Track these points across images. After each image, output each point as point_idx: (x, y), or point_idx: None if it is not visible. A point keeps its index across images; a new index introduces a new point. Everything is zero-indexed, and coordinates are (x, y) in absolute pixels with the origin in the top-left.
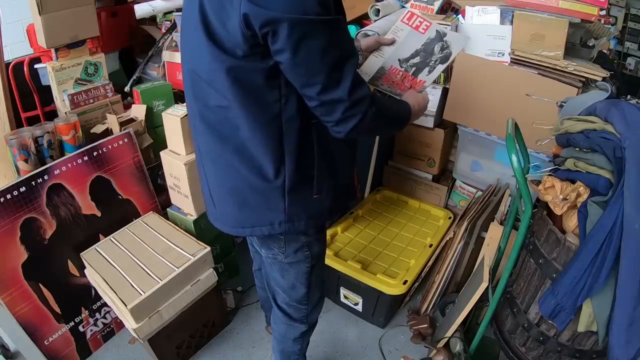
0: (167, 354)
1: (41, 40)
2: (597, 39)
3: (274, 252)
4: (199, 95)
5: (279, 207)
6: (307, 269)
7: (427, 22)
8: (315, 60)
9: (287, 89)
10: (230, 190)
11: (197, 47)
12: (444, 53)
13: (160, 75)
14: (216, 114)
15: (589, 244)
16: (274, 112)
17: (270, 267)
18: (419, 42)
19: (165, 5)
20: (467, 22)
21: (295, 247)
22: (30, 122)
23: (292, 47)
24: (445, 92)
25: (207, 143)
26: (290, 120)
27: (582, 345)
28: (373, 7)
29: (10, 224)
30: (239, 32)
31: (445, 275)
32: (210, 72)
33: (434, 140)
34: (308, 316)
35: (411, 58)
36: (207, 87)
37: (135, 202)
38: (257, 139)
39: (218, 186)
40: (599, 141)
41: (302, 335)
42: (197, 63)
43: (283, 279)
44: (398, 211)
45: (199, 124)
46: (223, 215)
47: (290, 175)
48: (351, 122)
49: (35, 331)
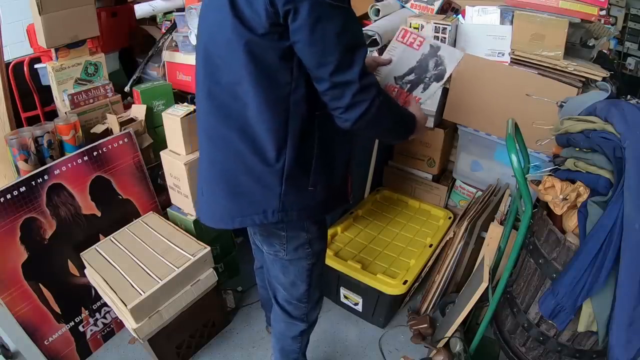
0: (167, 354)
1: (41, 40)
2: (597, 39)
3: (276, 248)
4: (211, 71)
5: (275, 192)
6: (308, 266)
7: (421, 38)
8: (331, 40)
9: (298, 72)
10: (225, 174)
11: (218, 23)
12: (438, 70)
13: (160, 75)
14: (226, 90)
15: (589, 244)
16: (283, 94)
17: (272, 264)
18: (413, 59)
19: (165, 5)
20: (467, 22)
21: (296, 244)
22: (30, 122)
23: (310, 26)
24: (445, 92)
25: (209, 122)
26: (297, 105)
27: (582, 345)
28: (373, 7)
29: (10, 224)
30: (262, 9)
31: (445, 275)
32: (229, 46)
33: (434, 140)
34: (308, 314)
35: (406, 75)
36: (222, 63)
37: (135, 202)
38: (263, 117)
39: (213, 170)
40: (599, 141)
41: (301, 334)
42: (216, 39)
43: (284, 276)
44: (398, 211)
45: (205, 102)
46: (211, 206)
47: (290, 161)
48: (359, 108)
49: (35, 331)
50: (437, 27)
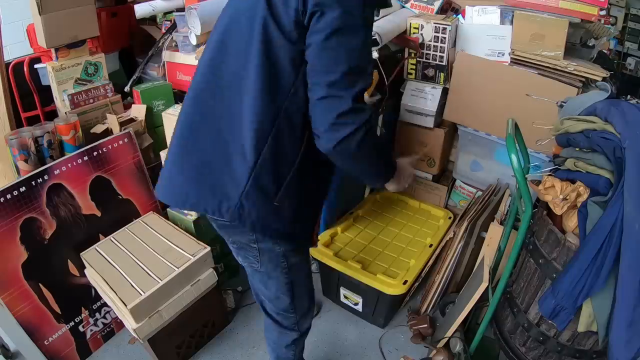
0: (167, 354)
1: (41, 40)
2: (597, 39)
3: (250, 260)
4: (218, 62)
5: (239, 188)
6: (287, 279)
7: None
8: (343, 53)
9: (301, 80)
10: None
11: (246, 11)
12: None
13: (160, 75)
14: (228, 80)
15: (589, 244)
16: (281, 96)
17: (253, 277)
18: None
19: (165, 5)
20: (467, 22)
21: (269, 256)
22: (30, 122)
23: (329, 32)
24: (445, 92)
25: (197, 112)
26: (288, 111)
27: (582, 345)
28: None
29: (10, 224)
30: (294, 8)
31: (445, 275)
32: (249, 34)
33: (434, 140)
34: (298, 324)
35: None
36: (233, 51)
37: (135, 202)
38: (254, 111)
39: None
40: (599, 141)
41: (294, 342)
42: (239, 26)
43: (267, 289)
44: (398, 211)
45: (200, 92)
46: (174, 183)
47: (264, 161)
48: (343, 130)
49: (35, 331)
50: (437, 27)
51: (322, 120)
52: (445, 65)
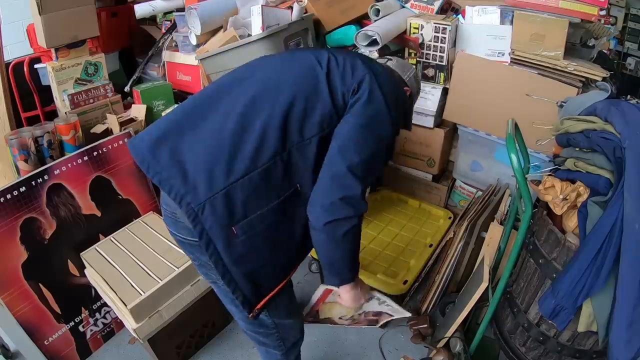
0: (167, 354)
1: (41, 40)
2: (597, 39)
3: (213, 277)
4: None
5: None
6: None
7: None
8: (367, 143)
9: (324, 139)
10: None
11: (301, 72)
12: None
13: (160, 75)
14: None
15: (589, 244)
16: (295, 137)
17: (223, 297)
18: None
19: (165, 5)
20: (467, 22)
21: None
22: (30, 122)
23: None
24: (445, 92)
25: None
26: (295, 154)
27: (582, 345)
28: (373, 7)
29: (10, 224)
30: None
31: (445, 275)
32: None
33: (434, 140)
34: (282, 340)
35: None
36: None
37: (135, 202)
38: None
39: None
40: (599, 141)
41: (283, 357)
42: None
43: (236, 308)
44: (398, 211)
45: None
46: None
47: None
48: (341, 213)
49: (35, 331)
50: (437, 27)
51: (328, 194)
52: (445, 65)
